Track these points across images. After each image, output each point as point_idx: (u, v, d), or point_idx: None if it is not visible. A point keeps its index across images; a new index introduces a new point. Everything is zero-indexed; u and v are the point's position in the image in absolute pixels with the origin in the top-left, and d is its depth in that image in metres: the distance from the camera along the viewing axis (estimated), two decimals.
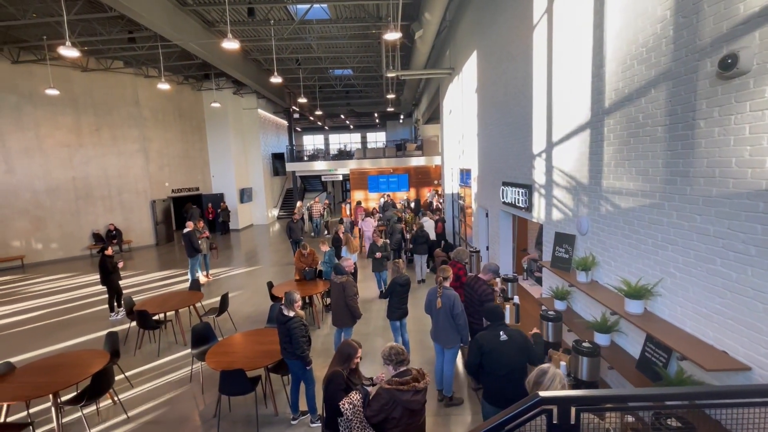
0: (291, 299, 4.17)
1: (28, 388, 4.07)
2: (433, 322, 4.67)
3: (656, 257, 2.82)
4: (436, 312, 4.51)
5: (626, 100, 3.09)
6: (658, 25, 2.70)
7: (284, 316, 4.15)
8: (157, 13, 8.74)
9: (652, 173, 2.81)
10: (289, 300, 4.17)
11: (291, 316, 4.12)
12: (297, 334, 4.05)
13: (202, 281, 9.65)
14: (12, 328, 7.65)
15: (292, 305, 4.17)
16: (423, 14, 8.90)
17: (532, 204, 5.23)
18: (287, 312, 4.15)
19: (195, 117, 17.97)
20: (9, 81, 12.44)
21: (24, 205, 12.98)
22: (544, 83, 4.69)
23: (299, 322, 4.11)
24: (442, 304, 4.43)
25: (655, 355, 2.79)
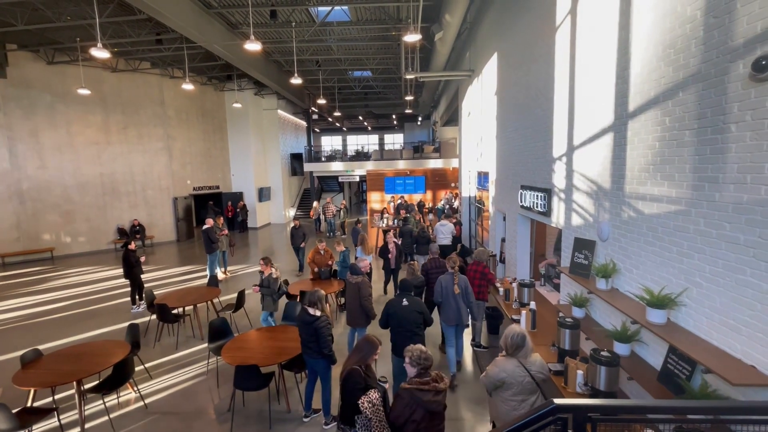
0: (318, 298, 4.19)
1: (53, 374, 4.24)
2: (445, 308, 5.11)
3: (681, 266, 2.72)
4: (454, 297, 5.03)
5: (652, 103, 3.00)
6: (687, 26, 2.61)
7: (310, 316, 4.13)
8: (184, 16, 9.00)
9: (678, 178, 2.71)
10: (315, 299, 4.18)
11: (318, 315, 4.14)
12: (324, 333, 4.08)
13: (220, 278, 9.85)
14: (41, 317, 7.99)
15: (318, 304, 4.19)
16: (443, 16, 8.87)
17: (551, 208, 5.13)
18: (314, 312, 4.16)
19: (217, 117, 18.40)
20: (44, 81, 13.03)
21: (55, 200, 13.55)
22: (566, 85, 4.60)
23: (326, 321, 4.12)
24: (460, 289, 5.06)
25: (678, 367, 2.69)
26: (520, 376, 2.93)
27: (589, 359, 3.07)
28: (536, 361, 3.02)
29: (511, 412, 2.95)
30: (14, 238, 12.82)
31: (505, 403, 2.99)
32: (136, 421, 4.52)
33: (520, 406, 2.94)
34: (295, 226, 10.66)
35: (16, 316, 8.06)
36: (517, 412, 2.92)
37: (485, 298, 5.84)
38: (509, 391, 2.96)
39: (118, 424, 4.46)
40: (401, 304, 4.42)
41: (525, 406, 2.93)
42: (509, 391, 2.96)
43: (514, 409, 2.94)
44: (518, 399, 2.95)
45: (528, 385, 2.93)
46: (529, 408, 2.92)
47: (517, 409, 2.94)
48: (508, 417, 2.94)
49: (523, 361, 2.96)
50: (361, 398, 2.78)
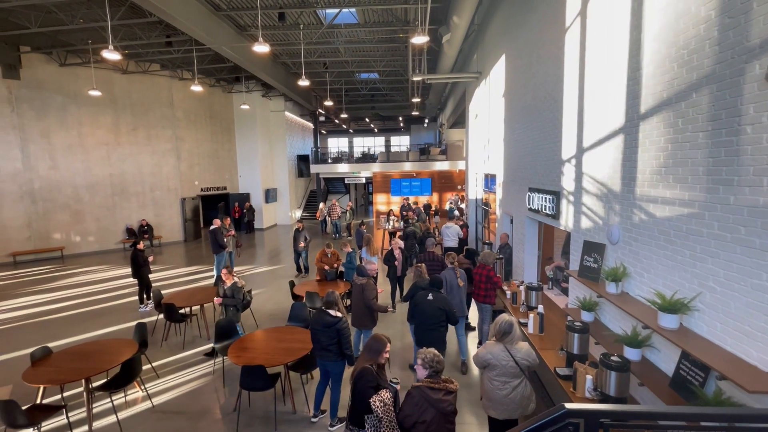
0: (335, 299, 4.19)
1: (62, 372, 4.28)
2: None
3: (694, 270, 2.67)
4: (458, 289, 5.59)
5: (664, 104, 2.96)
6: (701, 26, 2.58)
7: (332, 318, 4.12)
8: (193, 18, 9.09)
9: (691, 181, 2.67)
10: (333, 300, 4.18)
11: (340, 316, 4.15)
12: (347, 334, 4.11)
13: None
14: (50, 315, 8.08)
15: (336, 305, 4.19)
16: (451, 18, 8.87)
17: (559, 211, 5.08)
18: (335, 313, 4.16)
19: (225, 118, 18.55)
20: (56, 82, 13.24)
21: (65, 200, 13.73)
22: (575, 87, 4.57)
23: (346, 322, 4.16)
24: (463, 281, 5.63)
25: (690, 373, 2.63)
26: (504, 359, 3.27)
27: (599, 364, 3.02)
28: (522, 349, 3.32)
29: (495, 390, 3.33)
30: (26, 237, 13.02)
31: (491, 381, 3.36)
32: (143, 420, 4.55)
33: (503, 387, 3.31)
34: (298, 228, 10.45)
35: (26, 314, 8.16)
36: (500, 392, 3.31)
37: (492, 301, 5.80)
38: (493, 372, 3.33)
39: (125, 422, 4.49)
40: (426, 298, 4.66)
41: (508, 387, 3.30)
42: (493, 372, 3.33)
43: (497, 389, 3.32)
44: (501, 380, 3.30)
45: (511, 368, 3.27)
46: (511, 390, 3.29)
47: (501, 389, 3.31)
48: (493, 394, 3.34)
49: (509, 347, 3.30)
50: (373, 397, 2.77)
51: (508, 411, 3.31)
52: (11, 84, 12.42)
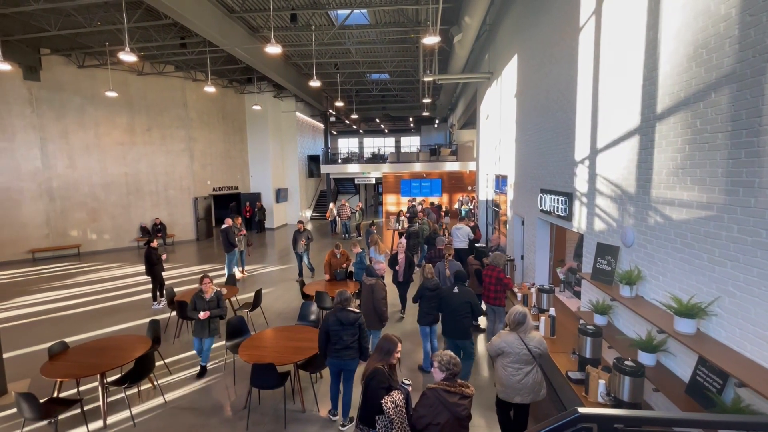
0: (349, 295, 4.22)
1: (78, 367, 4.38)
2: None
3: (712, 274, 2.61)
4: (445, 278, 6.22)
5: (682, 104, 2.90)
6: (721, 25, 2.52)
7: (356, 314, 4.15)
8: (207, 20, 9.23)
9: (710, 183, 2.61)
10: (348, 297, 4.20)
11: (359, 311, 4.20)
12: (366, 328, 4.21)
13: (237, 277, 10.00)
14: (67, 311, 8.28)
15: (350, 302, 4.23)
16: (463, 18, 8.83)
17: (572, 213, 5.01)
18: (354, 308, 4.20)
19: (237, 119, 18.77)
20: (75, 84, 13.57)
21: (82, 198, 14.05)
22: (589, 87, 4.50)
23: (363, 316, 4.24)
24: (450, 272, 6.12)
25: (708, 379, 2.57)
26: (517, 347, 3.52)
27: (612, 368, 2.97)
28: (534, 338, 3.57)
29: (510, 377, 3.57)
30: (44, 234, 13.35)
31: (505, 369, 3.60)
32: (155, 415, 4.62)
33: (516, 373, 3.55)
34: (299, 229, 9.99)
35: (44, 309, 8.37)
36: (514, 378, 3.55)
37: (502, 303, 5.75)
38: (507, 359, 3.56)
39: (138, 417, 4.57)
40: (452, 291, 4.97)
41: (521, 373, 3.55)
42: (507, 359, 3.56)
43: (511, 375, 3.56)
44: (515, 367, 3.55)
45: (524, 356, 3.52)
46: (524, 375, 3.54)
47: (514, 375, 3.55)
48: (508, 381, 3.58)
49: (522, 336, 3.54)
50: (385, 398, 2.76)
51: (521, 395, 3.57)
52: (32, 85, 12.76)
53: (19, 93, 12.59)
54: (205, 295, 5.37)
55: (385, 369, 3.03)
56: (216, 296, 5.44)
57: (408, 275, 7.56)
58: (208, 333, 5.36)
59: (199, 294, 5.40)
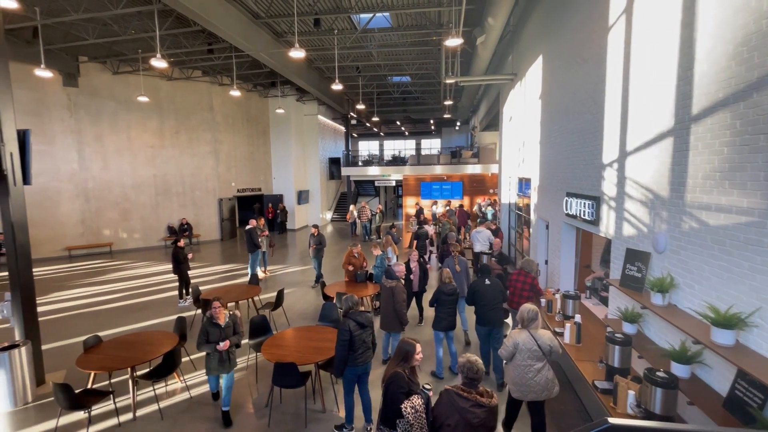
0: (357, 300, 4.23)
1: (111, 360, 4.57)
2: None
3: (753, 283, 2.48)
4: (456, 274, 6.42)
5: (720, 105, 2.78)
6: (763, 21, 2.40)
7: (369, 314, 4.21)
8: (234, 26, 9.49)
9: (751, 187, 2.48)
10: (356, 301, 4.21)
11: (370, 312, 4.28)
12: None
13: (260, 276, 10.20)
14: (100, 306, 8.65)
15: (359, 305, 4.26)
16: (486, 19, 8.74)
17: (599, 217, 4.87)
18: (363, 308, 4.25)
19: (261, 122, 19.20)
20: (109, 89, 14.22)
21: (115, 199, 14.68)
22: (618, 88, 4.37)
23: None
24: (461, 268, 6.57)
25: (748, 394, 2.44)
26: (529, 343, 3.70)
27: (643, 379, 2.86)
28: (544, 335, 3.75)
29: (522, 374, 3.72)
30: (79, 233, 14.01)
31: (517, 368, 3.75)
32: (181, 410, 4.76)
33: (528, 371, 3.70)
34: (313, 234, 9.67)
35: (80, 304, 8.78)
36: (527, 375, 3.69)
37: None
38: (521, 356, 3.72)
39: (165, 410, 4.71)
40: (485, 283, 5.29)
41: (533, 370, 3.69)
42: (521, 356, 3.72)
43: (524, 373, 3.70)
44: (527, 363, 3.70)
45: (536, 352, 3.68)
46: (536, 373, 3.68)
47: (527, 372, 3.69)
48: (520, 379, 3.73)
49: (533, 333, 3.73)
50: (404, 403, 2.77)
51: (535, 393, 3.71)
52: (70, 91, 13.46)
53: (59, 99, 13.30)
54: (218, 320, 4.43)
55: (405, 373, 3.01)
56: (231, 320, 4.57)
57: (423, 284, 7.33)
58: (228, 367, 4.40)
59: (210, 321, 4.41)
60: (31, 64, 11.33)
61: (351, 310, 4.14)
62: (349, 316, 4.10)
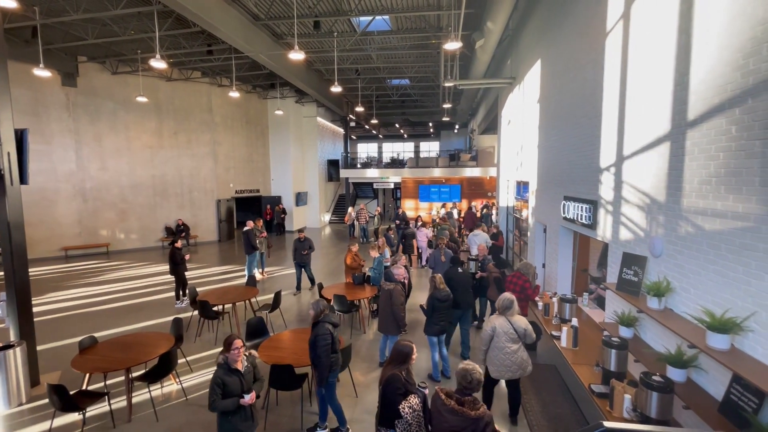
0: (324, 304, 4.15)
1: (106, 361, 4.54)
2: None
3: (748, 287, 2.49)
4: (441, 265, 7.18)
5: (716, 110, 2.80)
6: (758, 28, 2.42)
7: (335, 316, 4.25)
8: (233, 28, 9.51)
9: (746, 192, 2.50)
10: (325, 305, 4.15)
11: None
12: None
13: (257, 278, 10.17)
14: (97, 306, 8.61)
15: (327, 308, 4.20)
16: (485, 23, 8.79)
17: (596, 221, 4.89)
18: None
19: (260, 123, 19.20)
20: (108, 90, 14.20)
21: (112, 199, 14.63)
22: (616, 93, 4.40)
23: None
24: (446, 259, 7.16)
25: (743, 398, 2.45)
26: (505, 327, 4.14)
27: (639, 383, 2.87)
28: (520, 320, 4.18)
29: (500, 355, 4.14)
30: (76, 233, 13.95)
31: (495, 350, 4.17)
32: (177, 411, 4.73)
33: (502, 353, 4.12)
34: (299, 238, 9.16)
35: (76, 305, 8.73)
36: (503, 356, 4.12)
37: (524, 312, 5.63)
38: (498, 339, 4.14)
39: (161, 412, 4.69)
40: (458, 272, 6.02)
41: (509, 351, 4.12)
42: (498, 339, 4.14)
43: (502, 354, 4.13)
44: (504, 345, 4.11)
45: (512, 335, 4.12)
46: (512, 353, 4.11)
47: (503, 352, 4.11)
48: (497, 359, 4.15)
49: (509, 318, 4.17)
50: (402, 404, 2.78)
51: (511, 372, 4.13)
52: (69, 91, 13.43)
53: (58, 98, 13.27)
54: (236, 365, 3.41)
55: (402, 375, 3.02)
56: (250, 363, 3.61)
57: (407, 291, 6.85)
58: (252, 423, 3.51)
59: (225, 368, 3.36)
60: (30, 63, 11.31)
61: (323, 313, 4.07)
62: (323, 320, 4.02)
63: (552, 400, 4.82)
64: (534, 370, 5.57)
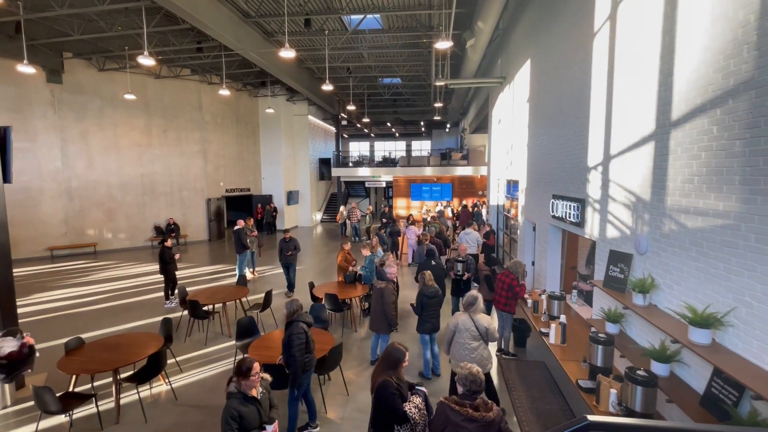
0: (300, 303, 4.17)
1: (94, 362, 4.48)
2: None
3: (729, 283, 2.56)
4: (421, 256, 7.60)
5: (698, 111, 2.86)
6: (739, 30, 2.48)
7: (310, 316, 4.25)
8: (224, 25, 9.41)
9: (727, 191, 2.57)
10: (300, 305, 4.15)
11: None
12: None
13: (248, 277, 10.11)
14: (84, 307, 8.47)
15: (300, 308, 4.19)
16: (476, 23, 8.84)
17: (584, 219, 4.96)
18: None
19: (250, 122, 19.05)
20: (95, 86, 13.96)
21: (100, 198, 14.40)
22: (603, 93, 4.47)
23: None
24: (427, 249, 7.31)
25: (723, 391, 2.52)
26: (467, 324, 4.18)
27: (624, 378, 2.93)
28: (483, 319, 4.21)
29: (461, 351, 4.17)
30: (62, 232, 13.70)
31: (456, 345, 4.22)
32: (166, 412, 4.69)
33: (464, 349, 4.16)
34: (285, 238, 8.89)
35: (62, 306, 8.58)
36: (464, 352, 4.14)
37: (512, 310, 5.70)
38: (460, 335, 4.19)
39: (149, 413, 4.64)
40: (431, 264, 6.63)
41: (469, 348, 4.15)
42: (460, 335, 4.19)
43: (462, 349, 4.17)
44: (465, 342, 4.16)
45: (473, 332, 4.16)
46: (473, 350, 4.13)
47: (465, 349, 4.15)
48: (459, 355, 4.17)
49: (472, 315, 4.21)
50: (407, 406, 2.78)
51: None
52: (54, 88, 13.16)
53: (42, 95, 13.00)
54: (251, 392, 3.04)
55: (393, 380, 2.93)
56: (264, 388, 3.24)
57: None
58: None
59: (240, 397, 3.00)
60: (14, 59, 11.07)
61: (296, 312, 4.05)
62: (297, 319, 3.99)
63: (541, 396, 4.88)
64: (523, 366, 5.67)
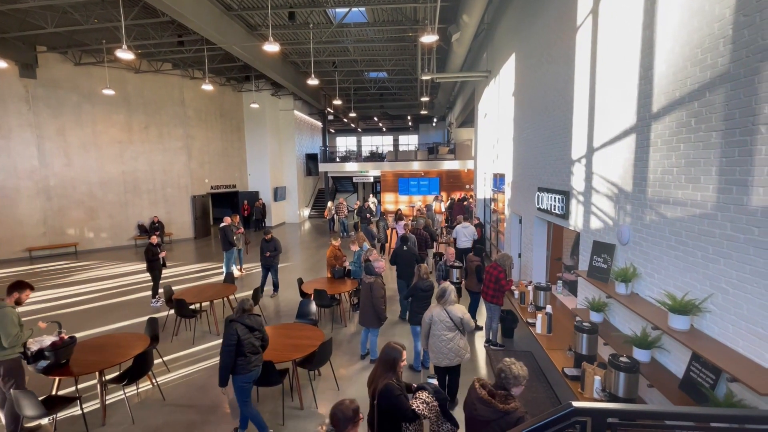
0: (251, 303, 4.08)
1: (77, 365, 4.38)
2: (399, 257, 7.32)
3: (706, 271, 2.65)
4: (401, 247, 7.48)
5: (677, 103, 2.93)
6: (715, 25, 2.55)
7: (259, 317, 4.09)
8: (205, 18, 9.20)
9: (704, 181, 2.64)
10: (251, 304, 4.07)
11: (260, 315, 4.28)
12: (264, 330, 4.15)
13: (236, 275, 10.01)
14: (65, 309, 8.26)
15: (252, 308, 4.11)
16: (461, 17, 8.84)
17: (569, 211, 5.05)
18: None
19: (235, 117, 18.72)
20: (71, 81, 13.50)
21: (80, 197, 14.00)
22: (586, 86, 4.53)
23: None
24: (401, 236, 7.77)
25: (701, 375, 2.61)
26: (441, 316, 4.19)
27: (608, 365, 3.01)
28: (457, 310, 4.21)
29: (438, 343, 4.20)
30: (41, 233, 13.30)
31: (433, 337, 4.25)
32: (154, 413, 4.64)
33: (441, 339, 4.18)
34: (266, 239, 8.55)
35: (42, 308, 8.35)
36: (441, 344, 4.18)
37: (500, 302, 5.78)
38: (435, 327, 4.22)
39: (137, 414, 4.58)
40: (403, 249, 7.20)
41: (445, 339, 4.17)
42: (435, 327, 4.22)
43: (439, 340, 4.19)
44: (441, 333, 4.18)
45: (448, 323, 4.16)
46: (449, 341, 4.16)
47: (441, 340, 4.18)
48: (436, 347, 4.22)
49: (446, 307, 4.22)
50: (415, 404, 2.75)
51: (448, 359, 4.18)
52: (28, 83, 12.69)
53: (16, 91, 12.52)
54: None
55: (394, 382, 2.86)
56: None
57: None
58: None
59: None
60: None
61: (244, 312, 3.95)
62: (237, 320, 3.88)
63: (528, 385, 4.98)
64: (511, 357, 5.77)
